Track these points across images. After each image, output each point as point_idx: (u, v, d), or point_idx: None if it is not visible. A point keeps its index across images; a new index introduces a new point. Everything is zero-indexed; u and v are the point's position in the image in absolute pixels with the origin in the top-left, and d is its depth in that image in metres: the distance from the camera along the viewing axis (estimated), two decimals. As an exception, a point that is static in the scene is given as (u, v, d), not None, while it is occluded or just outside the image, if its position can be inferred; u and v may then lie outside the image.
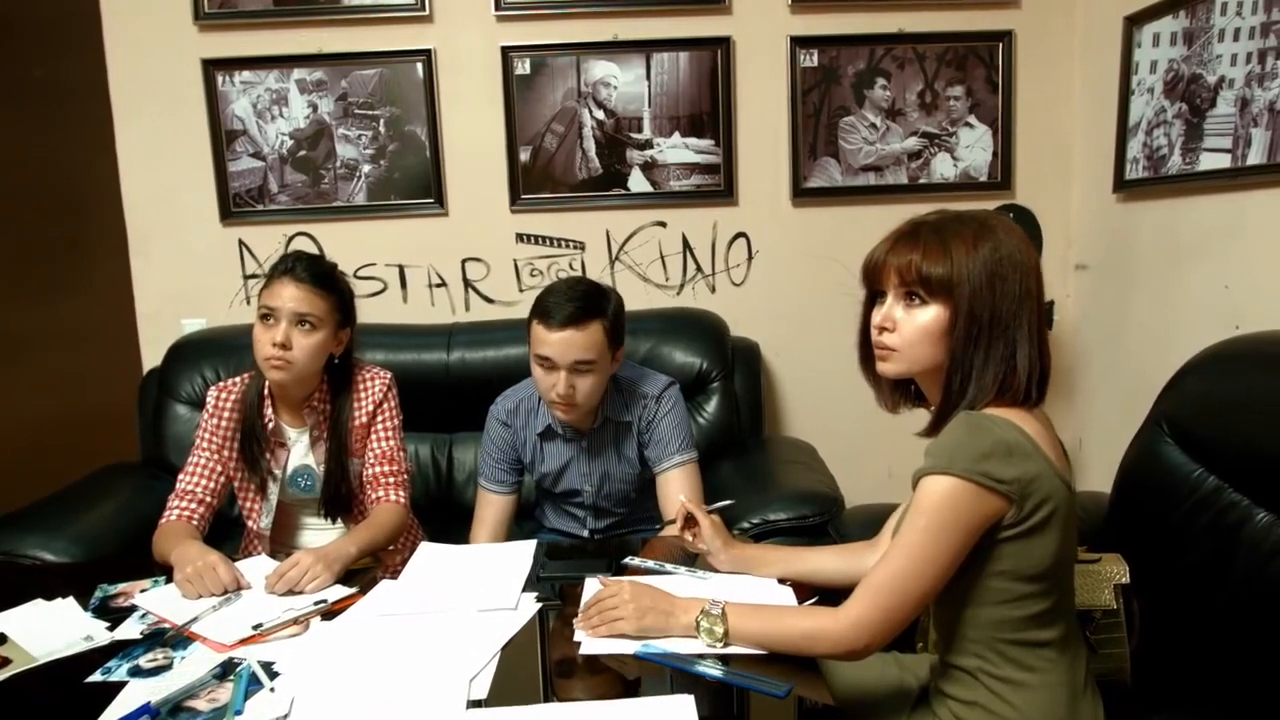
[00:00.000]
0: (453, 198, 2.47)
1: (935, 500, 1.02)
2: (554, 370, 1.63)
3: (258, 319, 1.57)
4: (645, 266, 2.52)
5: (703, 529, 1.38)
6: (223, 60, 2.39)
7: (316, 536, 1.70)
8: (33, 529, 1.86)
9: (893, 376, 1.15)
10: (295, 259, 1.60)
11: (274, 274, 1.58)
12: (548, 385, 1.65)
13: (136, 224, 2.49)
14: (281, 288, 1.54)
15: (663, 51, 2.42)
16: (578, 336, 1.61)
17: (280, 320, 1.53)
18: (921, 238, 1.09)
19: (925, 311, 1.08)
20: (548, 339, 1.62)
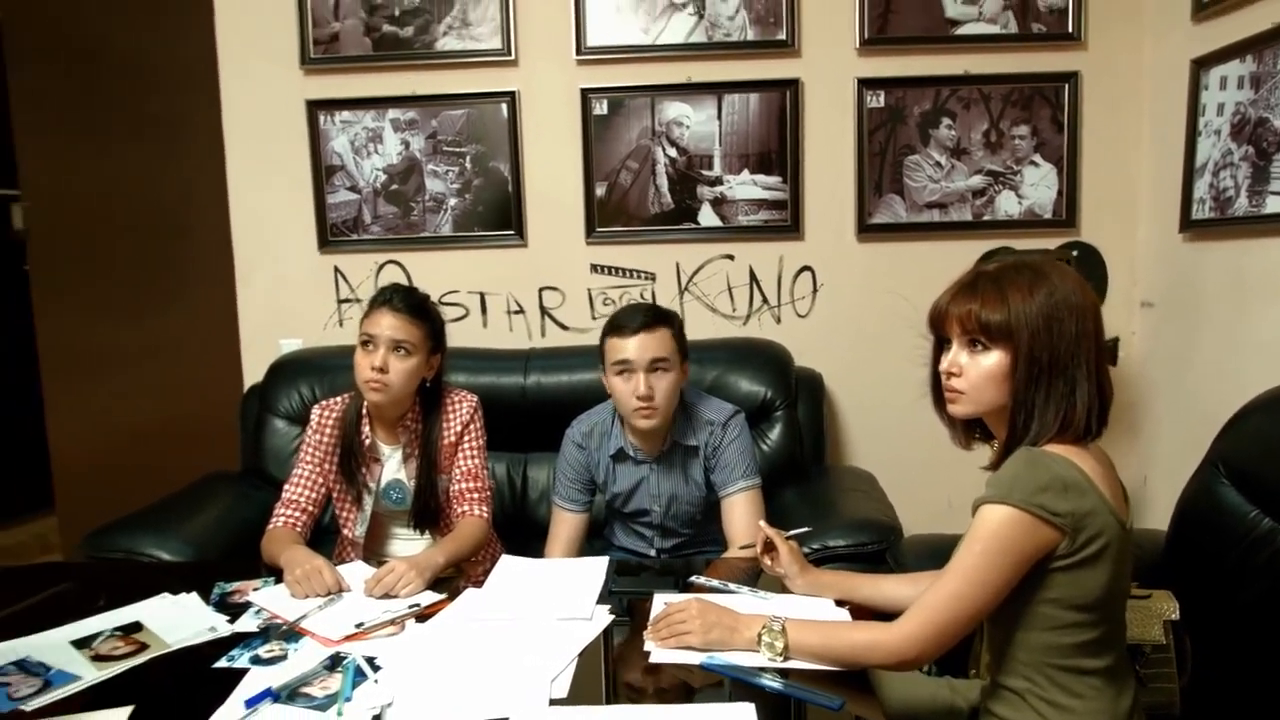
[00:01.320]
0: (532, 230, 2.62)
1: (992, 528, 1.10)
2: (633, 374, 1.76)
3: (359, 345, 1.72)
4: (713, 297, 2.62)
5: (781, 554, 1.46)
6: (325, 101, 2.58)
7: (405, 546, 1.84)
8: (149, 530, 2.03)
9: (961, 417, 1.23)
10: (393, 291, 1.75)
11: (374, 304, 1.73)
12: (628, 391, 1.77)
13: (242, 250, 2.69)
14: (380, 317, 1.70)
15: (734, 93, 2.54)
16: (650, 339, 1.76)
17: (379, 347, 1.68)
18: (980, 288, 1.18)
19: (988, 356, 1.16)
20: (624, 345, 1.76)
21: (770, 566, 1.49)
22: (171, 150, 2.87)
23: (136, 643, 1.32)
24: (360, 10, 2.54)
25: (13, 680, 1.21)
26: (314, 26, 2.55)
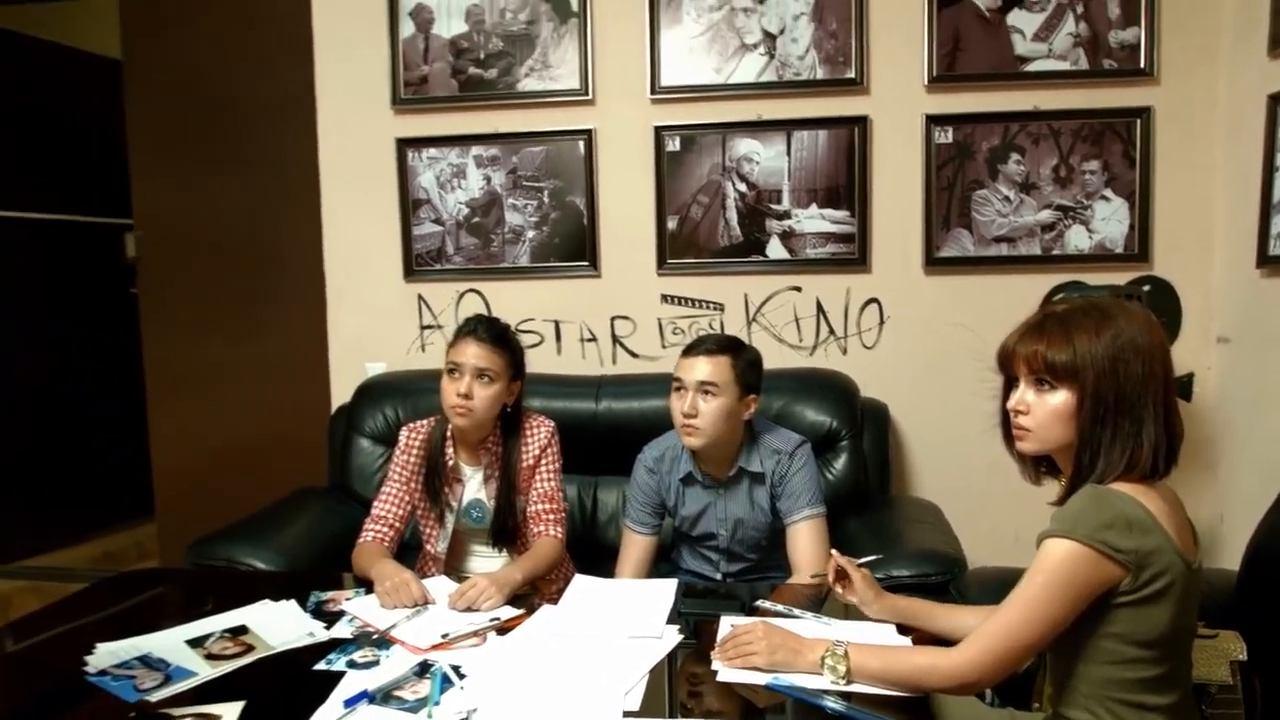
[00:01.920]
0: (605, 261, 2.72)
1: (1055, 561, 1.13)
2: (683, 392, 1.85)
3: (445, 372, 1.83)
4: (780, 328, 2.68)
5: (855, 582, 1.50)
6: (413, 139, 2.74)
7: (483, 562, 1.94)
8: (246, 540, 2.17)
9: (1029, 454, 1.28)
10: (477, 321, 1.87)
11: (459, 334, 1.85)
12: (677, 408, 1.87)
13: (334, 278, 2.86)
14: (466, 346, 1.81)
15: (803, 130, 2.61)
16: (707, 363, 1.85)
17: (464, 374, 1.79)
18: (1046, 328, 1.22)
19: (1054, 396, 1.21)
20: (683, 365, 1.88)
21: (842, 595, 1.53)
22: (271, 184, 3.07)
23: (244, 644, 1.44)
24: (448, 54, 2.70)
25: (138, 674, 1.34)
26: (405, 70, 2.72)
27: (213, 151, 3.13)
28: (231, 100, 3.07)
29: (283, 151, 3.00)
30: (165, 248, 3.26)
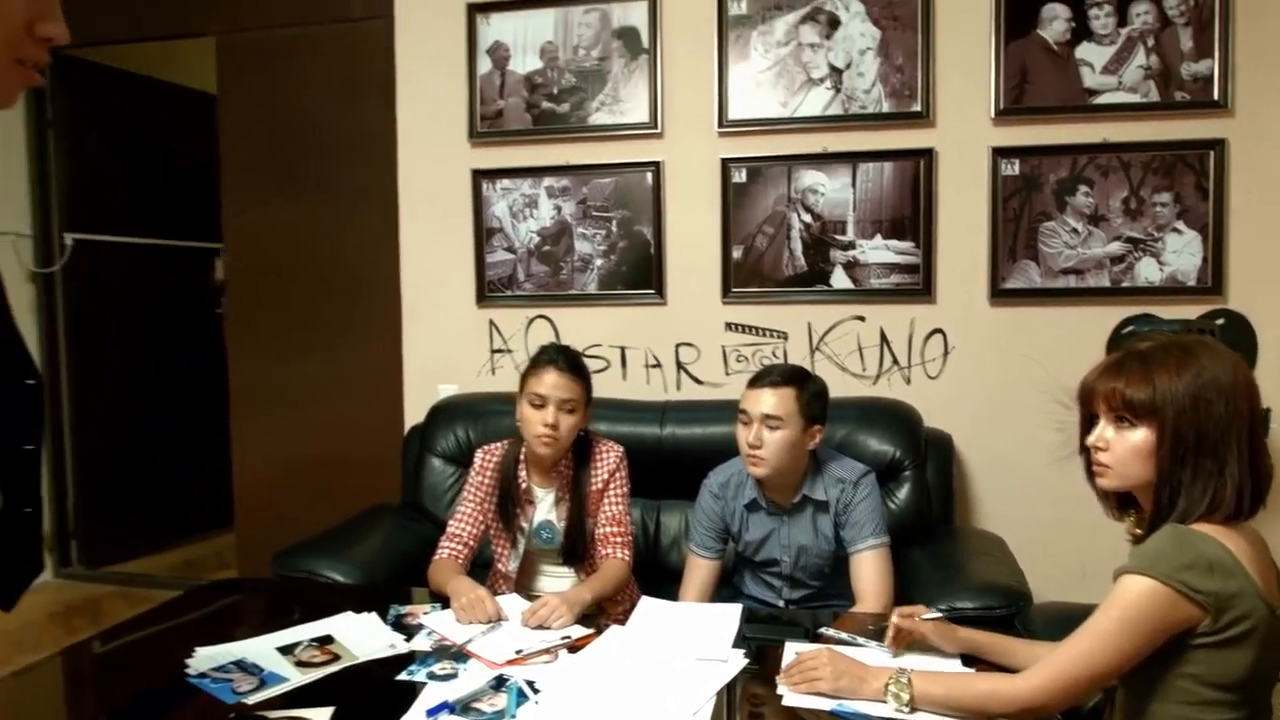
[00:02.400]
0: (671, 289, 2.79)
1: (1132, 597, 1.14)
2: (748, 425, 1.89)
3: (526, 402, 1.90)
4: (844, 357, 2.71)
5: (928, 637, 1.46)
6: (488, 170, 2.85)
7: (552, 581, 2.01)
8: (325, 554, 2.27)
9: (1108, 490, 1.29)
10: (557, 351, 1.94)
11: (540, 364, 1.92)
12: (742, 438, 1.91)
13: (409, 302, 2.98)
14: (548, 376, 1.88)
15: (868, 162, 2.64)
16: (771, 395, 1.89)
17: (549, 405, 1.86)
18: (1126, 366, 1.24)
19: (1134, 433, 1.22)
20: (748, 396, 1.92)
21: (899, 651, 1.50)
22: (352, 212, 3.21)
23: (330, 653, 1.53)
24: (523, 90, 2.81)
25: (235, 677, 1.43)
26: (481, 104, 2.84)
27: (299, 181, 3.30)
28: (317, 133, 3.24)
29: (364, 182, 3.15)
30: (252, 271, 3.43)
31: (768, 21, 2.66)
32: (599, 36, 2.76)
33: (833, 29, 2.64)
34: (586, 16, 2.76)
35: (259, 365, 3.43)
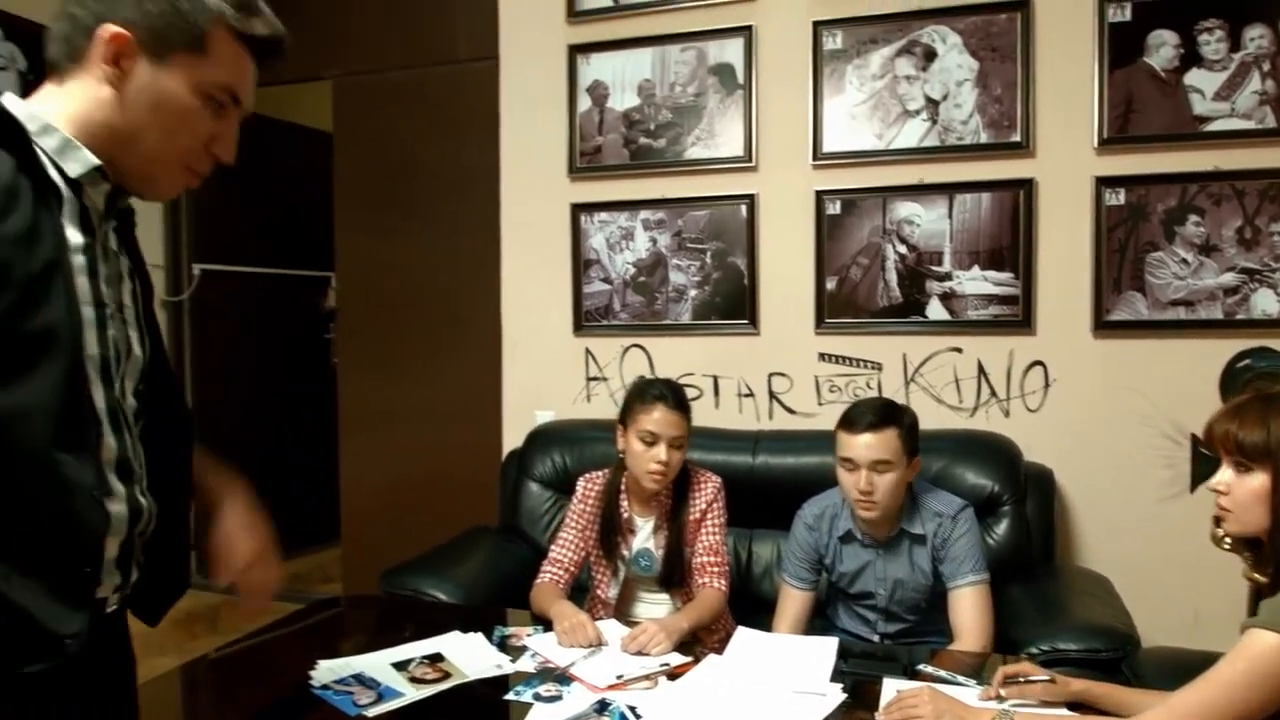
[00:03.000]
0: (764, 319, 2.82)
1: (1258, 651, 1.12)
2: (856, 470, 1.88)
3: (635, 438, 1.96)
4: (940, 389, 2.68)
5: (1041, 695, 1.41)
6: (586, 204, 2.95)
7: (649, 608, 2.06)
8: (430, 573, 2.36)
9: (1231, 536, 1.27)
10: (666, 387, 1.99)
11: (649, 401, 1.96)
12: (851, 484, 1.90)
13: (509, 330, 3.09)
14: (659, 414, 1.94)
15: (965, 193, 2.63)
16: (876, 439, 1.87)
17: (660, 442, 1.92)
18: (1245, 409, 1.22)
19: (1251, 477, 1.20)
20: (851, 443, 1.89)
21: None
22: (455, 243, 3.36)
23: (441, 671, 1.61)
24: (621, 126, 2.90)
25: (355, 690, 1.52)
26: (581, 140, 2.94)
27: (406, 214, 3.47)
28: (425, 169, 3.40)
29: (468, 215, 3.29)
30: (361, 299, 3.61)
31: (863, 55, 2.68)
32: (695, 73, 2.83)
33: (929, 61, 2.64)
34: (683, 54, 2.84)
35: (366, 388, 3.60)
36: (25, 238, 0.85)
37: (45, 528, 0.89)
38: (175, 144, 0.99)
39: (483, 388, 3.20)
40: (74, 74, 0.96)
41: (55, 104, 0.96)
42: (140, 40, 0.94)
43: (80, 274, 0.93)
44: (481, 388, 3.21)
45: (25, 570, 0.88)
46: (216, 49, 0.98)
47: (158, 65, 0.96)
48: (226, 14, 0.98)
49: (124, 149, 0.97)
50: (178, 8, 0.95)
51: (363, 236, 3.56)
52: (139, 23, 0.94)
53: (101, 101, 0.95)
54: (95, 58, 0.94)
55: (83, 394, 0.92)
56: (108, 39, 0.93)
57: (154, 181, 1.02)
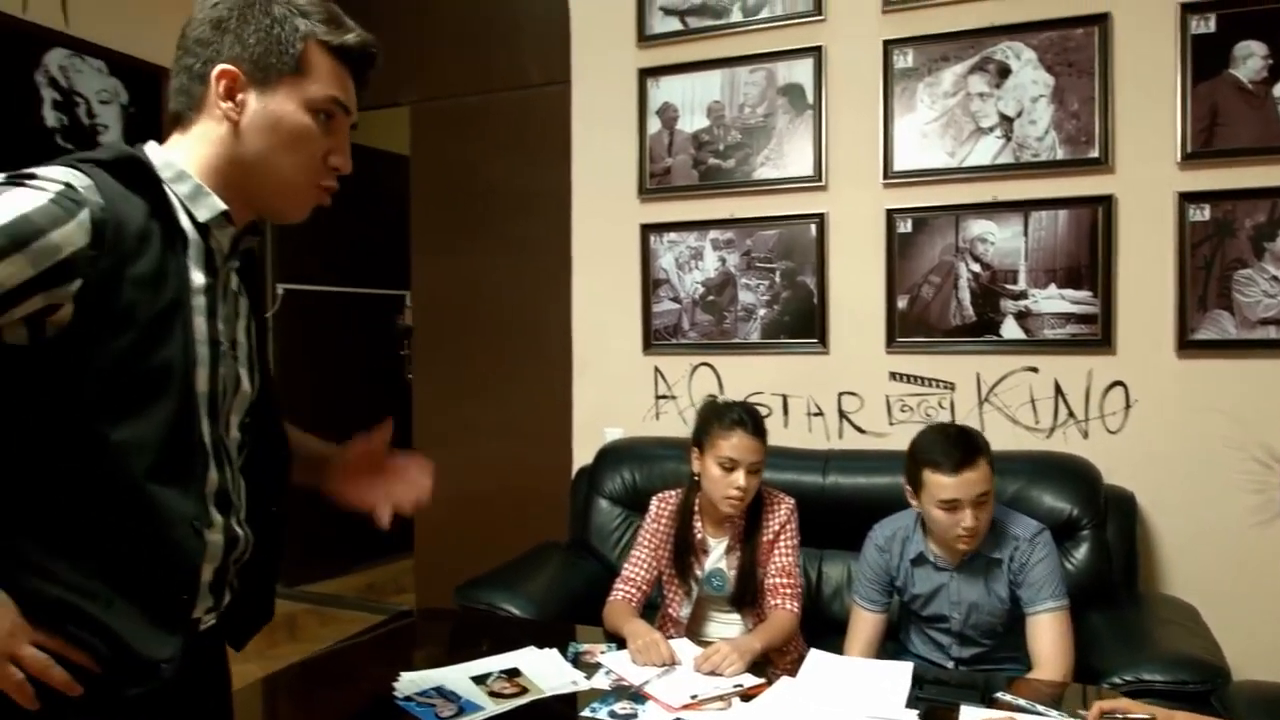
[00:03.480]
0: (834, 338, 2.81)
1: None
2: (960, 509, 1.84)
3: (713, 463, 1.97)
4: (1015, 409, 2.64)
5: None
6: (656, 225, 2.99)
7: (720, 627, 2.07)
8: (503, 587, 2.41)
9: None
10: (744, 412, 2.00)
11: (728, 426, 1.96)
12: (952, 524, 1.85)
13: (579, 348, 3.15)
14: (738, 439, 1.94)
15: (1041, 210, 2.59)
16: (974, 475, 1.84)
17: (739, 469, 1.93)
18: None
19: None
20: (949, 483, 1.84)
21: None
22: (527, 263, 3.43)
23: (519, 686, 1.64)
24: (690, 147, 2.94)
25: (436, 703, 1.56)
26: (650, 162, 2.98)
27: (479, 234, 3.56)
28: (497, 190, 3.49)
29: (539, 235, 3.36)
30: (435, 316, 3.71)
31: (934, 73, 2.67)
32: (764, 94, 2.85)
33: (1003, 78, 2.61)
34: (752, 76, 2.86)
35: (440, 403, 3.70)
36: (152, 279, 0.91)
37: (145, 556, 0.94)
38: (297, 163, 1.04)
39: (553, 404, 3.25)
40: (196, 120, 1.03)
41: (185, 150, 1.03)
42: (247, 73, 1.01)
43: (199, 314, 0.99)
44: (552, 404, 3.26)
45: (124, 596, 0.92)
46: (314, 66, 1.03)
47: (266, 93, 1.02)
48: (317, 31, 1.03)
49: (253, 179, 1.04)
50: (273, 35, 1.01)
51: (437, 256, 3.67)
52: (243, 57, 1.01)
53: (223, 139, 1.02)
54: (212, 99, 1.01)
55: (191, 429, 0.97)
56: (218, 78, 1.00)
57: (287, 204, 1.08)
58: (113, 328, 0.88)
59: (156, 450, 0.92)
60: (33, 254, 0.82)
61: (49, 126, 3.12)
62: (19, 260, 0.81)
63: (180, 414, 0.95)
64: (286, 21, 1.02)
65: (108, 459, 0.89)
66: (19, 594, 0.86)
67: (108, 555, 0.92)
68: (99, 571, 0.91)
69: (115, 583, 0.92)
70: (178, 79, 1.04)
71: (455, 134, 3.57)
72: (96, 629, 0.90)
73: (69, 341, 0.86)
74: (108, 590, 0.91)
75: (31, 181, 0.85)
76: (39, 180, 0.86)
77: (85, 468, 0.89)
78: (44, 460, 0.88)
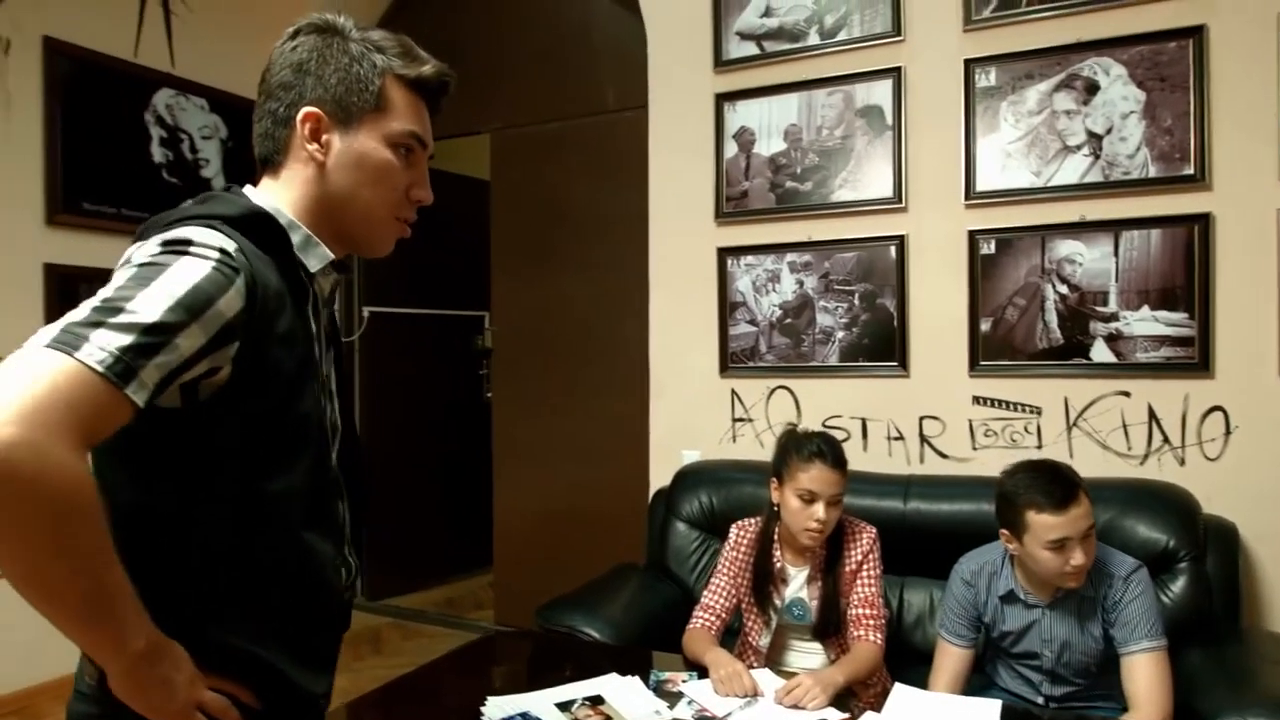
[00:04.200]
0: (914, 361, 2.77)
1: None
2: (1069, 548, 1.78)
3: (793, 494, 1.96)
4: (1105, 434, 2.56)
5: None
6: (732, 248, 3.00)
7: (801, 657, 2.06)
8: (582, 610, 2.43)
9: None
10: (824, 443, 1.99)
11: (807, 458, 1.96)
12: (1061, 563, 1.78)
13: (657, 370, 3.17)
14: (817, 471, 1.94)
15: (1132, 229, 2.51)
16: (1078, 510, 1.78)
17: (819, 501, 1.93)
18: None
19: None
20: (1059, 522, 1.77)
21: None
22: (604, 285, 3.48)
23: (603, 714, 1.66)
24: (767, 170, 2.94)
25: (523, 729, 1.60)
26: (727, 185, 3.00)
27: (558, 256, 3.63)
28: (575, 213, 3.56)
29: (616, 258, 3.41)
30: (514, 337, 3.80)
31: (1018, 91, 2.62)
32: (842, 116, 2.84)
33: (1091, 94, 2.55)
34: (830, 98, 2.85)
35: (518, 422, 3.78)
36: (290, 335, 0.94)
37: (305, 599, 0.99)
38: (382, 198, 1.07)
39: (630, 425, 3.28)
40: (284, 164, 1.05)
41: (280, 196, 1.04)
42: (330, 113, 1.02)
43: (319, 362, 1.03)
44: (628, 425, 3.30)
45: (287, 637, 0.98)
46: (393, 101, 1.05)
47: (350, 132, 1.03)
48: (394, 66, 1.05)
49: (341, 217, 1.06)
50: (353, 73, 1.03)
51: (516, 277, 3.76)
52: (325, 98, 1.02)
53: (311, 180, 1.04)
54: (298, 142, 1.03)
55: (326, 473, 1.02)
56: (303, 120, 1.02)
57: (373, 239, 1.10)
58: (262, 386, 0.91)
59: (305, 498, 0.97)
60: (205, 323, 0.83)
61: (156, 163, 3.30)
62: (195, 330, 0.82)
63: (318, 460, 0.99)
64: (364, 59, 1.04)
65: (267, 511, 0.94)
66: (192, 643, 0.90)
67: (272, 601, 0.96)
68: (264, 616, 0.96)
69: (279, 626, 0.97)
70: (261, 124, 1.05)
71: (534, 159, 3.66)
72: (265, 670, 0.96)
73: (222, 402, 0.89)
74: (273, 633, 0.96)
75: (193, 249, 0.87)
76: (197, 247, 0.87)
77: (247, 521, 0.93)
78: (207, 517, 0.92)
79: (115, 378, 0.75)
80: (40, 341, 0.76)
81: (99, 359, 0.75)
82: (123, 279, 0.83)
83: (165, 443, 0.89)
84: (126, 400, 0.77)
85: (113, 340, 0.77)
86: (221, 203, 0.98)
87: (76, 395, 0.73)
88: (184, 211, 0.95)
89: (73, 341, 0.75)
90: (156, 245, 0.87)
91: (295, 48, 1.04)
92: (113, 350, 0.76)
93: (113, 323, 0.78)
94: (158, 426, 0.87)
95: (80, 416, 0.74)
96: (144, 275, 0.83)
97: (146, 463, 0.90)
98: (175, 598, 0.90)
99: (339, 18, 1.06)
